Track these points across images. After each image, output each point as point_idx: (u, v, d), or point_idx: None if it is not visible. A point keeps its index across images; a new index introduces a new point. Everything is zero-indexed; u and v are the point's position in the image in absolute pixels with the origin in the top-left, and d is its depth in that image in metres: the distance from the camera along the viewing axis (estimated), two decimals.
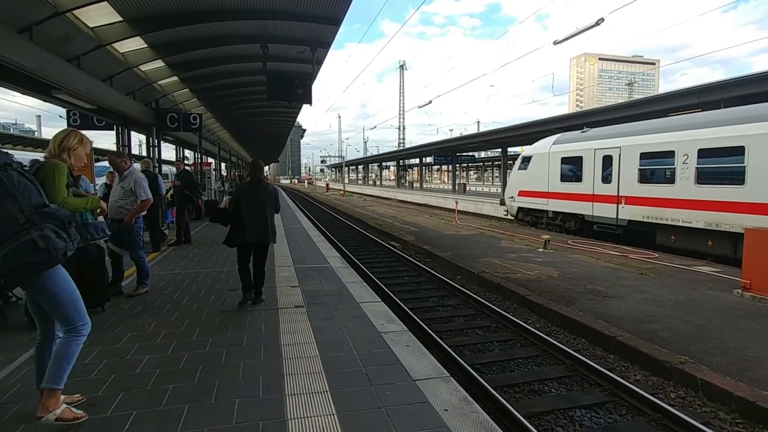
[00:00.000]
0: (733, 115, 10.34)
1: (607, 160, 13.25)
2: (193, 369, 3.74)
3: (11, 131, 52.46)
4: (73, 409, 2.90)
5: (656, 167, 11.95)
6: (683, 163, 10.90)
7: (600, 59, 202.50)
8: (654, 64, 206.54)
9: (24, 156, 20.29)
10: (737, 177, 9.78)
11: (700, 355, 4.85)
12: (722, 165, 10.21)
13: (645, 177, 12.17)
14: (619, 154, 12.78)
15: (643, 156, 12.12)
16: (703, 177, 10.54)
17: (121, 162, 6.11)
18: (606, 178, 13.31)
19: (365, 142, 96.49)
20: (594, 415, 4.20)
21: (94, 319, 5.03)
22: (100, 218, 4.85)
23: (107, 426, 2.87)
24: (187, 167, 13.99)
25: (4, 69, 6.20)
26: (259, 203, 5.51)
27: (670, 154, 11.29)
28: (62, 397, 2.90)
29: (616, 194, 12.88)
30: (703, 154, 10.49)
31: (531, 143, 19.21)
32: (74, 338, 2.93)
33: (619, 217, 12.81)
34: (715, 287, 7.70)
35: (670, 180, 11.33)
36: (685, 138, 10.93)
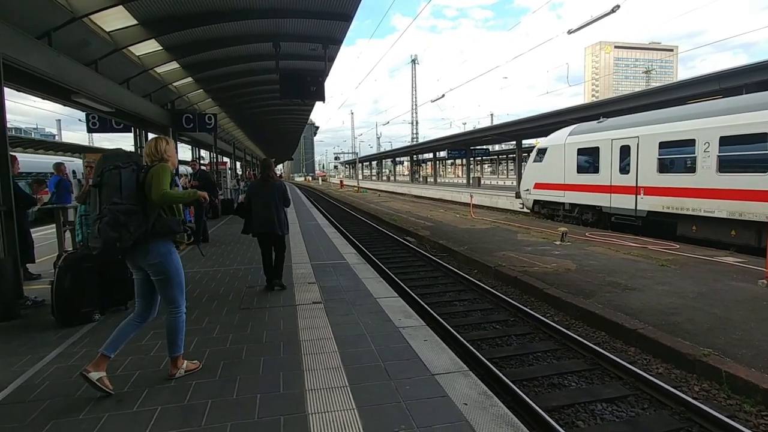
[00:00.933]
0: (756, 100, 10.05)
1: (625, 150, 13.02)
2: (215, 365, 3.80)
3: (32, 135, 53.78)
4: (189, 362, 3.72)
5: (676, 156, 11.70)
6: (704, 151, 10.65)
7: (616, 47, 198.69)
8: (672, 50, 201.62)
9: (45, 160, 20.72)
10: (761, 164, 9.52)
11: (724, 348, 4.76)
12: (745, 153, 9.95)
13: (664, 166, 11.93)
14: (638, 144, 12.55)
15: (663, 145, 11.88)
16: (726, 165, 10.29)
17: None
18: (624, 169, 13.08)
19: (378, 138, 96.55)
20: (615, 408, 4.16)
21: (118, 317, 5.16)
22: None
23: (134, 421, 2.94)
24: (203, 167, 14.18)
25: (24, 74, 6.36)
26: (265, 197, 6.14)
27: (691, 143, 11.04)
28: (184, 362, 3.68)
29: (634, 185, 12.66)
30: (725, 141, 10.24)
31: (546, 135, 18.97)
32: (178, 314, 3.57)
33: (638, 208, 12.59)
34: (739, 278, 7.53)
35: (691, 169, 11.08)
36: (706, 126, 10.67)
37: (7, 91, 5.53)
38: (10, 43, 5.54)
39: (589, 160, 14.69)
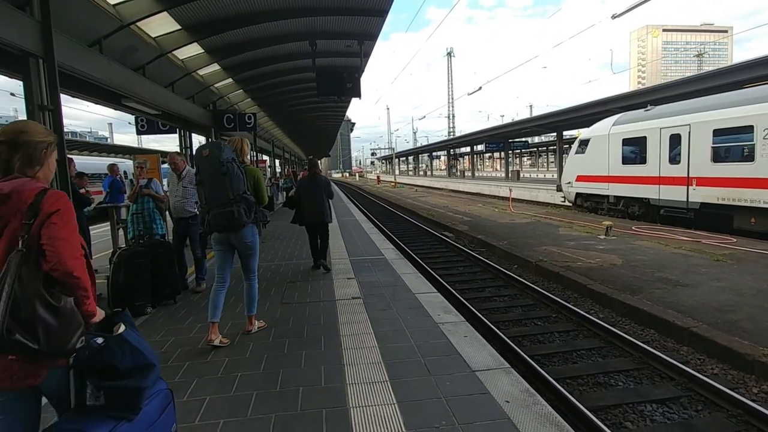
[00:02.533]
0: None
1: (675, 139, 12.37)
2: (259, 358, 3.92)
3: (87, 139, 56.97)
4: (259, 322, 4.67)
5: (732, 144, 11.01)
6: (764, 138, 9.97)
7: (664, 30, 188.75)
8: (726, 32, 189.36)
9: (99, 162, 21.85)
10: None
11: None
12: None
13: (719, 155, 11.27)
14: (689, 132, 11.90)
15: (717, 133, 11.21)
16: None
17: (181, 162, 6.46)
18: (674, 159, 12.45)
19: (414, 133, 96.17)
20: (667, 410, 3.98)
21: (167, 310, 5.41)
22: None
23: (184, 410, 3.07)
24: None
25: (78, 81, 6.72)
26: (314, 192, 7.24)
27: (749, 129, 10.36)
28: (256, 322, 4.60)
29: (686, 175, 12.02)
30: None
31: (588, 125, 18.31)
32: (255, 281, 4.52)
33: (690, 199, 11.95)
34: None
35: (749, 157, 10.41)
36: (766, 111, 9.98)
37: (63, 97, 5.86)
38: (64, 51, 5.86)
39: (635, 150, 14.07)
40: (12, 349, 1.59)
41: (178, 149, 13.23)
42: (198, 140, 14.55)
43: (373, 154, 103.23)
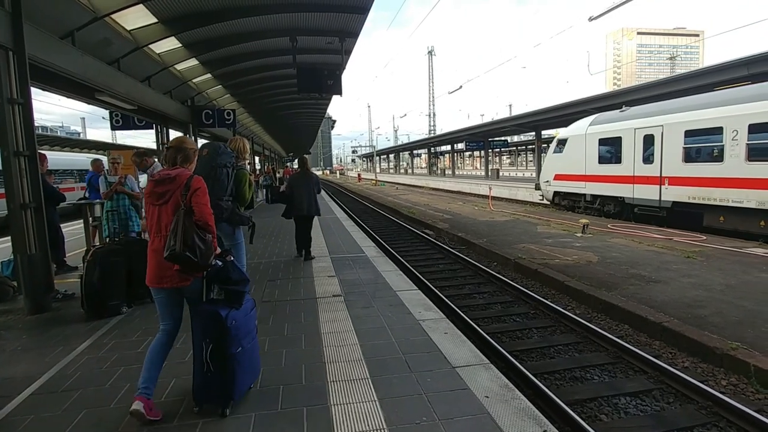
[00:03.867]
0: None
1: (649, 140, 12.70)
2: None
3: (58, 133, 55.25)
4: None
5: (703, 145, 11.36)
6: (732, 139, 10.32)
7: (639, 33, 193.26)
8: (698, 35, 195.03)
9: (71, 157, 21.22)
10: None
11: (753, 341, 4.63)
12: None
13: (690, 156, 11.61)
14: (662, 133, 12.23)
15: (689, 134, 11.55)
16: (755, 154, 9.96)
17: (142, 161, 6.29)
18: (647, 159, 12.78)
19: (395, 131, 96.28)
20: (640, 402, 4.10)
21: (144, 309, 5.30)
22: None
23: (170, 407, 3.02)
24: None
25: (49, 74, 6.52)
26: (305, 187, 7.66)
27: (718, 131, 10.71)
28: None
29: (658, 175, 12.36)
30: (754, 129, 9.89)
31: (566, 125, 18.64)
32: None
33: (663, 198, 12.30)
34: None
35: (719, 158, 10.76)
36: (735, 113, 10.33)
37: (33, 90, 5.68)
38: (35, 43, 5.68)
39: (611, 150, 14.39)
40: (182, 261, 2.78)
41: (154, 146, 12.97)
42: (175, 136, 14.31)
43: (354, 152, 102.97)
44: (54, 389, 3.41)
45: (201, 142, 20.83)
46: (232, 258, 3.15)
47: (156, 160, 6.75)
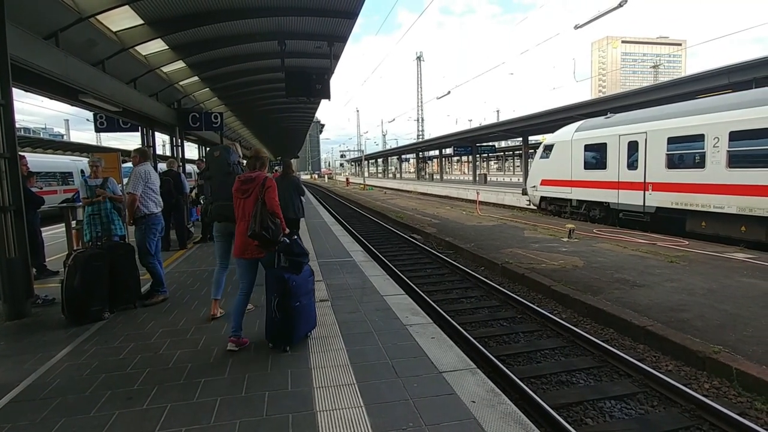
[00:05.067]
0: (766, 94, 9.92)
1: (633, 146, 12.91)
2: (223, 363, 3.83)
3: (41, 135, 54.27)
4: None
5: (685, 152, 11.57)
6: (714, 146, 10.53)
7: (623, 42, 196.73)
8: (680, 44, 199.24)
9: (56, 160, 20.85)
10: None
11: (735, 345, 4.71)
12: (756, 147, 9.81)
13: (673, 162, 11.82)
14: (646, 140, 12.44)
15: (671, 141, 11.76)
16: (736, 160, 10.17)
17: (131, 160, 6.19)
18: (632, 165, 12.97)
19: (384, 135, 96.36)
20: (624, 406, 4.13)
21: (127, 315, 5.21)
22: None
23: (143, 419, 2.97)
24: None
25: (32, 75, 6.40)
26: (285, 189, 7.33)
27: (700, 138, 10.92)
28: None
29: (642, 181, 12.55)
30: (735, 136, 10.12)
31: (552, 131, 18.84)
32: None
33: (647, 204, 12.49)
34: (750, 274, 7.46)
35: (700, 164, 10.97)
36: (716, 120, 10.55)
37: (15, 91, 5.56)
38: (17, 44, 5.57)
39: (596, 156, 14.58)
40: (259, 238, 3.88)
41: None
42: (161, 139, 14.14)
43: (342, 156, 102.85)
44: (32, 397, 3.32)
45: (188, 145, 20.66)
46: (295, 237, 4.23)
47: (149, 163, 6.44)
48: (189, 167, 21.47)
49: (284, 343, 4.05)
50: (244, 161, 5.58)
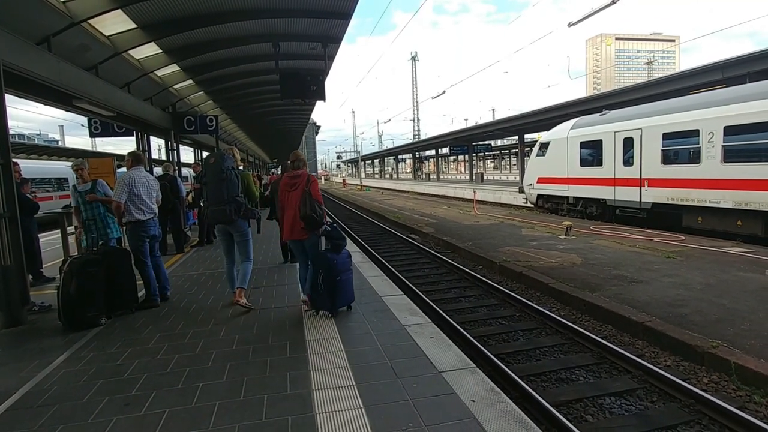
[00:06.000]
0: (760, 89, 9.96)
1: (628, 143, 12.94)
2: (222, 367, 3.81)
3: (36, 141, 54.05)
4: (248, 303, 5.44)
5: (680, 147, 11.61)
6: (708, 141, 10.57)
7: (617, 39, 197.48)
8: (674, 41, 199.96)
9: (51, 166, 20.74)
10: (766, 153, 9.44)
11: (733, 339, 4.72)
12: (750, 142, 9.86)
13: (668, 158, 11.86)
14: (641, 136, 12.47)
15: (666, 136, 11.80)
16: (730, 155, 10.21)
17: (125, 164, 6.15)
18: (627, 161, 13.01)
19: (380, 136, 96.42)
20: (624, 402, 4.13)
21: (124, 321, 5.18)
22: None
23: (142, 425, 2.95)
24: None
25: (25, 81, 6.35)
26: None
27: (695, 133, 10.96)
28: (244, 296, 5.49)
29: (638, 177, 12.59)
30: (729, 131, 10.16)
31: (548, 129, 18.89)
32: (249, 263, 5.59)
33: (643, 200, 12.52)
34: (747, 268, 7.48)
35: (695, 160, 11.01)
36: (710, 116, 10.59)
37: (8, 97, 5.53)
38: (10, 49, 5.54)
39: (592, 153, 14.62)
40: (308, 219, 4.78)
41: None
42: (156, 143, 14.09)
43: (338, 157, 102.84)
44: (30, 404, 3.30)
45: (184, 149, 20.60)
46: (335, 225, 5.19)
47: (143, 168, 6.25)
48: (185, 171, 21.38)
49: (328, 311, 4.97)
50: (241, 166, 6.01)
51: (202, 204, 6.86)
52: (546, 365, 4.93)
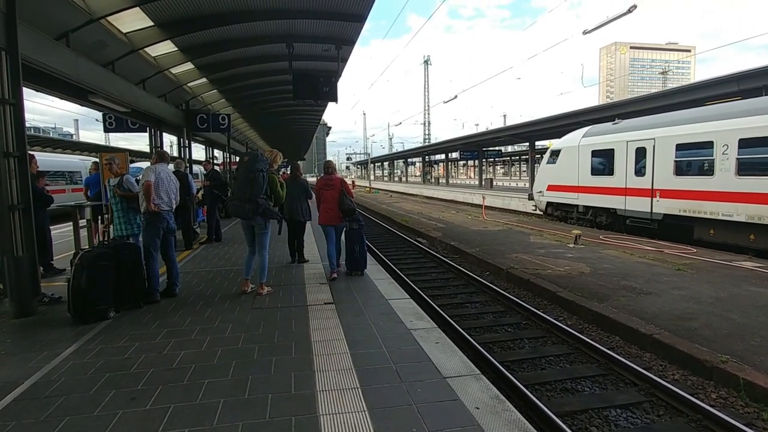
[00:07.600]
0: None
1: (641, 152, 12.83)
2: (227, 364, 3.83)
3: (51, 135, 54.81)
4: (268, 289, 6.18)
5: (693, 159, 11.49)
6: (723, 153, 10.45)
7: (631, 48, 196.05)
8: (689, 51, 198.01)
9: (65, 159, 21.06)
10: None
11: (742, 354, 4.65)
12: (765, 155, 9.72)
13: (681, 169, 11.73)
14: (654, 146, 12.36)
15: (680, 147, 11.68)
16: (745, 168, 10.08)
17: (151, 161, 6.39)
18: (639, 171, 12.89)
19: (390, 139, 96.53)
20: (630, 414, 4.09)
21: (132, 315, 5.23)
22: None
23: (147, 419, 2.97)
24: (216, 167, 14.29)
25: (43, 75, 6.46)
26: (293, 192, 7.96)
27: (709, 145, 10.84)
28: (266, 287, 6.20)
29: (650, 187, 12.47)
30: (744, 144, 10.03)
31: (559, 136, 18.78)
32: (265, 255, 6.12)
33: (654, 211, 12.40)
34: (759, 283, 7.37)
35: (709, 172, 10.88)
36: (725, 128, 10.47)
37: (26, 91, 5.62)
38: (29, 44, 5.63)
39: (603, 162, 14.51)
40: (346, 210, 7.06)
41: (147, 149, 12.90)
42: (169, 139, 14.23)
43: (348, 159, 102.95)
44: (37, 395, 3.34)
45: (195, 146, 20.77)
46: (358, 211, 6.76)
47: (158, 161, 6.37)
48: (195, 168, 21.54)
49: (360, 270, 7.19)
50: (275, 167, 6.58)
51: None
52: (551, 374, 4.89)
